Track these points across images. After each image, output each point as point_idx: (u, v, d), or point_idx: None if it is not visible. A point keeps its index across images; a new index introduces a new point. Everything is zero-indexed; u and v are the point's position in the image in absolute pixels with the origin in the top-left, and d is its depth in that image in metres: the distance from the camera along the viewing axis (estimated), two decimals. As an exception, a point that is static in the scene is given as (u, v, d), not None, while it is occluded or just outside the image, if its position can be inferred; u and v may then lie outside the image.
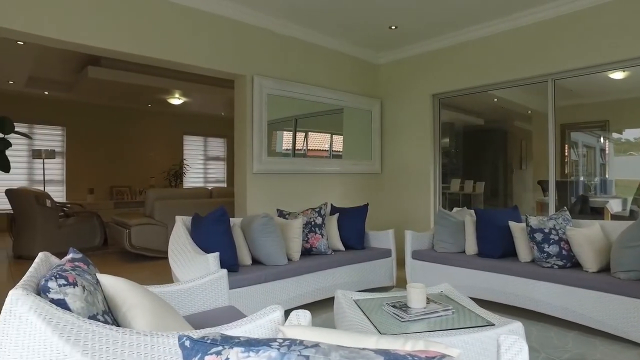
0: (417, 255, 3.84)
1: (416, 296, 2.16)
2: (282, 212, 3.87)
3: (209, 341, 0.70)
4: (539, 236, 3.18)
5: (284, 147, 4.45)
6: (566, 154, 5.41)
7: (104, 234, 6.06)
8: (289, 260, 3.37)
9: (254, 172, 4.10)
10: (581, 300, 2.79)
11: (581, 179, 5.45)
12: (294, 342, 0.69)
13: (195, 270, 2.68)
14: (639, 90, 4.42)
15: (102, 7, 3.20)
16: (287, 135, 4.48)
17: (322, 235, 3.64)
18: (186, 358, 0.70)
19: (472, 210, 3.99)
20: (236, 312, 1.90)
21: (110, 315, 1.38)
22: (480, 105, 6.23)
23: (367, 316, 2.11)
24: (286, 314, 1.48)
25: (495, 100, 5.73)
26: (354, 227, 3.90)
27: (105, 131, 9.38)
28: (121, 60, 6.10)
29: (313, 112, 4.72)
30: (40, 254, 1.56)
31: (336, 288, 3.49)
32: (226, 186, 10.82)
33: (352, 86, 5.16)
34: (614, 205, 4.81)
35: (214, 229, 2.93)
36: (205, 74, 4.05)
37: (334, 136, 4.98)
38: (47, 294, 1.20)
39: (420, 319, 2.08)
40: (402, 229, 5.18)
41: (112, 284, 1.47)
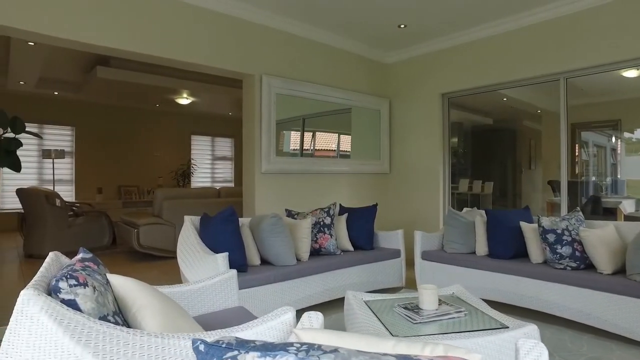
0: (427, 255, 3.80)
1: (428, 297, 2.13)
2: (290, 212, 3.85)
3: (224, 345, 0.68)
4: (551, 237, 3.13)
5: (292, 147, 4.43)
6: (576, 153, 5.33)
7: (113, 234, 6.08)
8: (298, 260, 3.35)
9: (262, 171, 4.08)
10: (596, 303, 2.73)
11: (593, 179, 5.36)
12: (312, 347, 0.67)
13: (204, 271, 2.67)
14: (652, 88, 4.33)
15: (111, 6, 3.21)
16: (294, 135, 4.46)
17: (331, 235, 3.61)
18: (200, 362, 0.68)
19: (483, 211, 3.94)
20: (246, 313, 1.88)
21: (121, 316, 1.37)
22: (489, 105, 6.16)
23: (378, 317, 2.08)
24: (295, 315, 1.46)
25: (505, 99, 5.66)
26: (363, 228, 3.87)
27: (113, 131, 9.44)
28: (130, 60, 6.14)
29: (321, 112, 4.69)
30: (51, 254, 1.55)
31: (345, 289, 3.47)
32: (234, 186, 10.85)
33: (360, 85, 5.13)
34: (627, 206, 4.73)
35: (223, 228, 2.92)
36: (214, 73, 4.05)
37: (342, 136, 4.96)
38: (58, 294, 1.20)
39: (432, 320, 2.05)
40: (410, 229, 5.13)
41: (122, 284, 1.46)
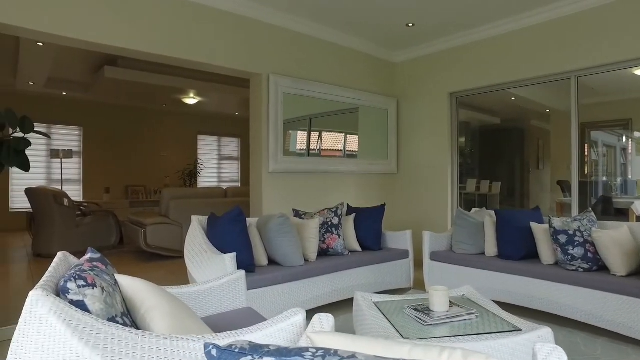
0: (435, 256, 3.77)
1: (439, 299, 2.10)
2: (298, 212, 3.83)
3: (237, 350, 0.66)
4: (562, 238, 3.08)
5: (298, 147, 4.40)
6: (586, 153, 5.26)
7: (120, 233, 6.10)
8: (306, 261, 3.33)
9: (269, 171, 4.07)
10: (609, 306, 2.68)
11: (604, 179, 5.29)
12: (328, 352, 0.65)
13: (211, 271, 2.65)
14: (665, 87, 4.26)
15: (119, 6, 3.20)
16: (301, 135, 4.43)
17: (338, 235, 3.59)
18: (213, 367, 0.66)
19: (492, 211, 3.90)
20: (255, 314, 1.86)
21: (129, 317, 1.36)
22: (496, 104, 6.10)
23: (388, 319, 2.05)
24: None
25: (513, 98, 5.60)
26: (370, 228, 3.84)
27: (121, 131, 9.48)
28: (137, 60, 6.15)
29: (328, 112, 4.67)
30: (59, 254, 1.55)
31: (353, 289, 3.44)
32: (240, 186, 10.86)
33: (368, 85, 5.10)
34: (639, 207, 4.65)
35: (231, 229, 2.91)
36: (222, 72, 4.03)
37: (349, 136, 4.92)
38: (67, 295, 1.18)
39: (443, 322, 2.01)
40: (418, 230, 5.10)
41: (130, 284, 1.44)
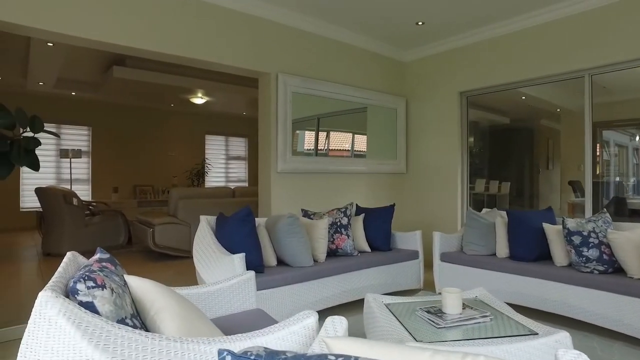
0: (446, 257, 3.72)
1: (452, 301, 2.05)
2: (306, 212, 3.80)
3: (252, 357, 0.63)
4: (577, 239, 3.02)
5: (306, 147, 4.37)
6: (598, 153, 5.17)
7: (128, 233, 6.11)
8: (315, 261, 3.30)
9: (278, 171, 4.04)
10: (626, 309, 2.62)
11: (617, 179, 5.20)
12: (348, 360, 0.61)
13: (220, 271, 2.63)
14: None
15: (127, 5, 3.20)
16: (308, 135, 4.40)
17: (347, 236, 3.55)
18: (227, 374, 0.64)
19: (503, 212, 3.84)
20: (265, 315, 1.84)
21: (139, 319, 1.34)
22: (506, 104, 6.02)
23: (400, 321, 2.01)
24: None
25: (523, 98, 5.52)
26: (380, 228, 3.80)
27: (129, 131, 9.53)
28: (146, 59, 6.16)
29: (336, 111, 4.63)
30: (68, 254, 1.53)
31: (362, 290, 3.41)
32: (247, 186, 10.86)
33: (377, 84, 5.05)
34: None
35: (239, 229, 2.88)
36: (230, 72, 4.01)
37: (357, 135, 4.88)
38: (76, 296, 1.17)
39: (456, 325, 1.97)
40: (427, 230, 5.05)
41: (140, 285, 1.42)
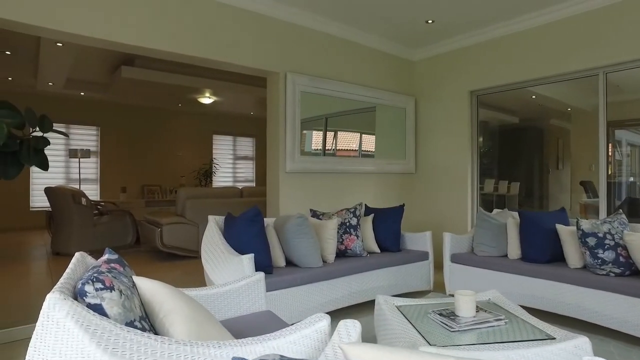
0: (456, 258, 3.66)
1: (465, 304, 2.01)
2: (315, 213, 3.76)
3: (268, 366, 0.60)
4: (591, 241, 2.95)
5: (313, 147, 4.33)
6: (610, 153, 5.08)
7: (136, 233, 6.12)
8: (324, 262, 3.26)
9: (286, 171, 4.01)
10: (644, 312, 2.55)
11: (630, 179, 5.10)
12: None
13: (229, 272, 2.61)
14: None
15: (138, 4, 3.18)
16: (316, 135, 4.36)
17: (357, 236, 3.51)
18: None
19: (515, 212, 3.78)
20: (275, 318, 1.80)
21: (147, 321, 1.31)
22: (515, 103, 5.94)
23: (412, 324, 1.97)
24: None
25: (534, 97, 5.44)
26: (389, 229, 3.75)
27: (137, 131, 9.56)
28: (154, 59, 6.16)
29: (344, 111, 4.58)
30: (77, 254, 1.51)
31: (372, 292, 3.36)
32: (255, 185, 10.85)
33: (386, 83, 5.00)
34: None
35: (248, 229, 2.86)
36: (239, 71, 3.99)
37: (365, 135, 4.83)
38: (84, 298, 1.14)
39: (470, 329, 1.92)
40: (437, 231, 4.99)
41: (148, 287, 1.40)
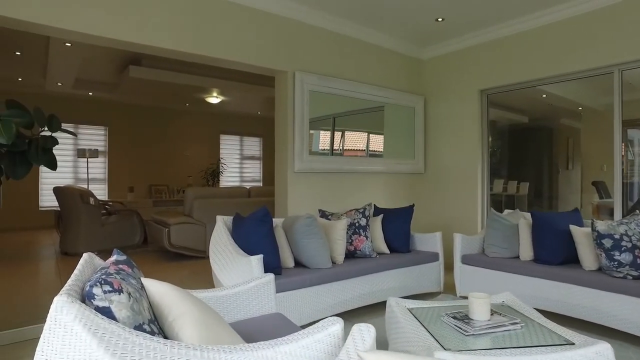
0: (467, 260, 3.60)
1: (479, 307, 1.96)
2: (324, 213, 3.72)
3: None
4: (607, 242, 2.88)
5: (320, 147, 4.29)
6: (622, 153, 4.99)
7: (144, 233, 6.12)
8: (333, 263, 3.22)
9: (295, 170, 3.97)
10: (663, 316, 2.48)
11: (645, 179, 4.98)
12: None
13: (237, 273, 2.58)
14: None
15: (146, 3, 3.16)
16: (323, 135, 4.32)
17: (366, 237, 3.47)
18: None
19: (527, 213, 3.71)
20: (285, 321, 1.77)
21: (157, 325, 1.28)
22: (525, 102, 5.86)
23: (425, 327, 1.93)
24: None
25: (544, 96, 5.36)
26: (399, 229, 3.70)
27: (144, 131, 9.59)
28: (161, 59, 6.16)
29: (353, 110, 4.54)
30: (85, 255, 1.49)
31: (381, 293, 3.32)
32: (262, 185, 10.84)
33: (395, 82, 4.95)
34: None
35: (257, 229, 2.82)
36: (247, 70, 3.96)
37: (373, 135, 4.78)
38: (92, 300, 1.11)
39: (485, 332, 1.87)
40: (446, 231, 4.93)
41: (158, 289, 1.37)
